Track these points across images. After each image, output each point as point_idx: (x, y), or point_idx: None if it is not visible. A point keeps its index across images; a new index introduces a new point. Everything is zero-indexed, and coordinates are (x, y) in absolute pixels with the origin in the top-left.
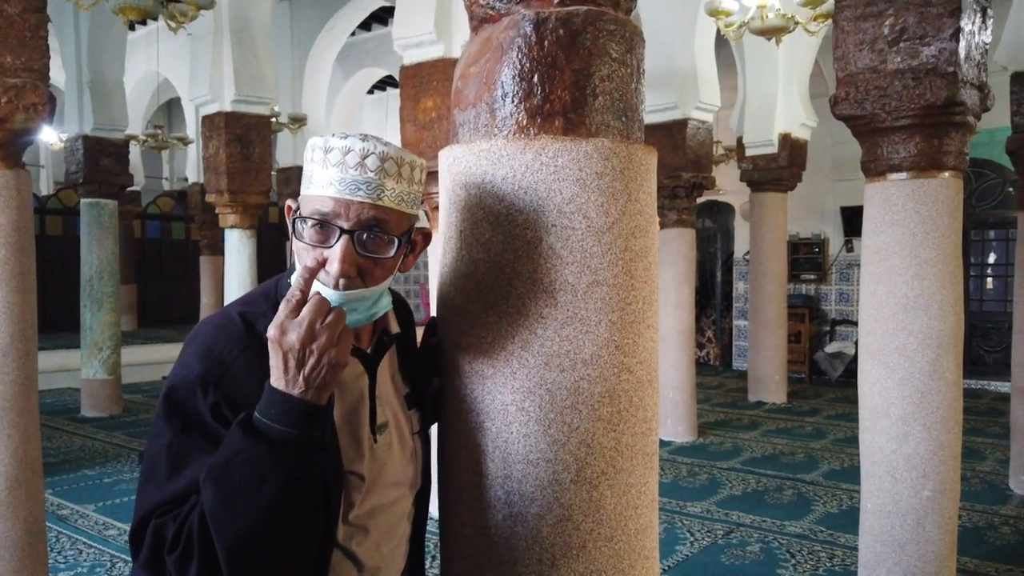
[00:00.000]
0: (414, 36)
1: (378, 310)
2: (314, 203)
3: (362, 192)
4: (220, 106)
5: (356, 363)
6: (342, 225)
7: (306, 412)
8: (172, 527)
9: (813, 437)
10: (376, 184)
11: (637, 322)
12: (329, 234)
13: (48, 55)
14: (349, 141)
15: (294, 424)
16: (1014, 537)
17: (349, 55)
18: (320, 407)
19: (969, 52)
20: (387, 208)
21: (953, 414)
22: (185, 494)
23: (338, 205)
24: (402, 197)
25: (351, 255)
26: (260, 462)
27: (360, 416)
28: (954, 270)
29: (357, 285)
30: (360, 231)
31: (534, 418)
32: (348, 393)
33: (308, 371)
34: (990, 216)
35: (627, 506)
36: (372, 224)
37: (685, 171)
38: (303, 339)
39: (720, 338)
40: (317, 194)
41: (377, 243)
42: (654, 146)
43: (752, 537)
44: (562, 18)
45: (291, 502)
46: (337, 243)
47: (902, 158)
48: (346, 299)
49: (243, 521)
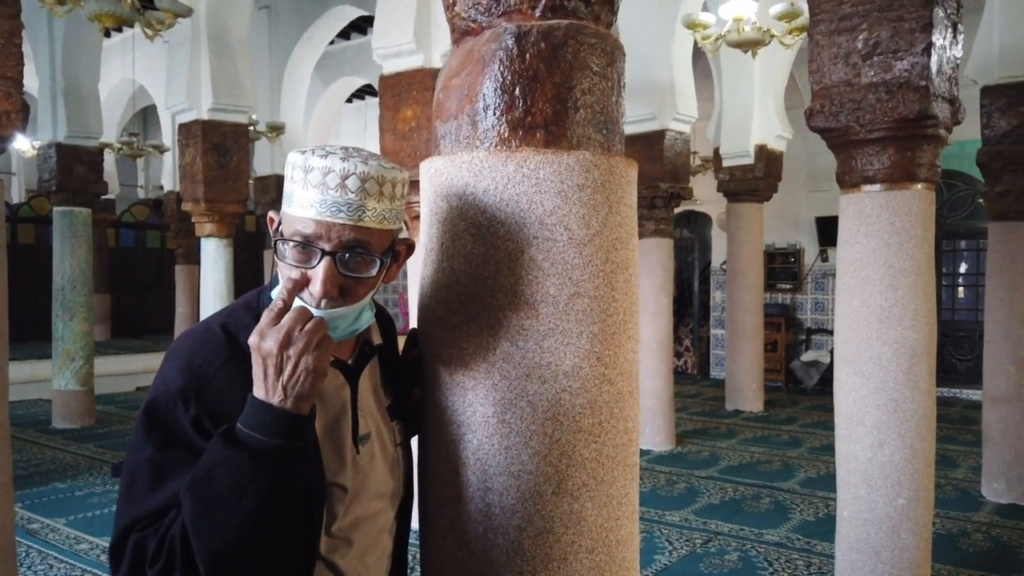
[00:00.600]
0: (393, 46)
1: (360, 325)
2: (295, 224)
3: (343, 214)
4: (197, 114)
5: (338, 374)
6: (323, 247)
7: (286, 422)
8: (153, 540)
9: (790, 445)
10: (357, 205)
11: (618, 334)
12: (311, 255)
13: (22, 62)
14: (329, 161)
15: (274, 434)
16: (987, 544)
17: (328, 64)
18: (301, 416)
19: (940, 66)
20: (369, 228)
21: (927, 422)
22: (166, 507)
23: (319, 227)
24: (384, 215)
25: (333, 276)
26: (240, 472)
27: (342, 427)
28: (927, 280)
29: (339, 304)
30: (342, 252)
31: (515, 430)
32: (330, 404)
33: (286, 379)
34: (961, 227)
35: (608, 517)
36: (354, 245)
37: (663, 181)
38: (280, 345)
39: (698, 347)
40: (298, 215)
41: (359, 263)
42: (632, 156)
43: (730, 546)
44: (544, 32)
45: (272, 512)
46: (319, 264)
47: (876, 170)
48: (328, 318)
49: (224, 532)
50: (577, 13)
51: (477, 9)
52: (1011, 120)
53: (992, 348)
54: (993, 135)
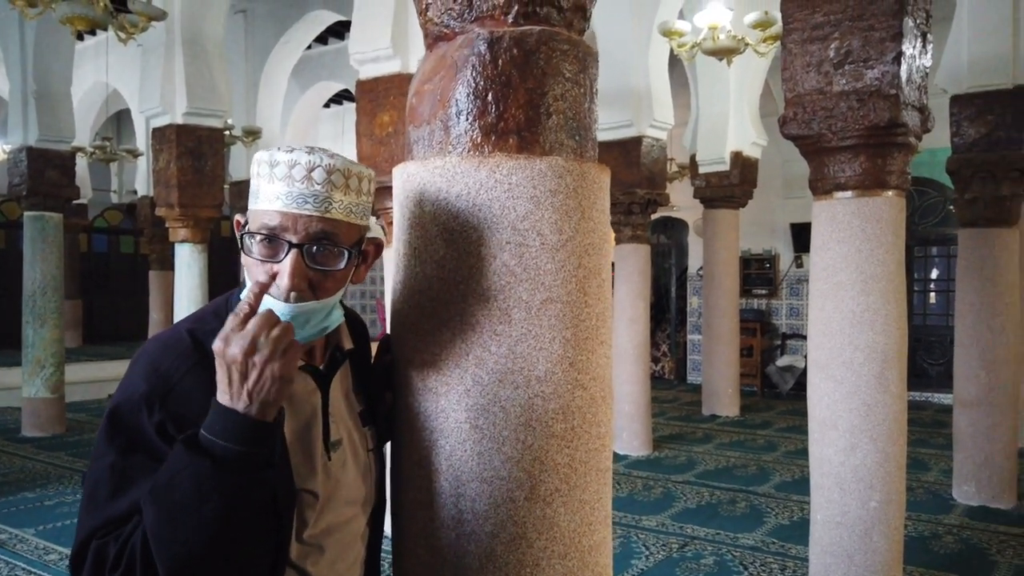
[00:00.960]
0: (370, 51)
1: (330, 323)
2: (261, 217)
3: (310, 205)
4: (171, 118)
5: (308, 380)
6: (290, 239)
7: (250, 428)
8: (114, 547)
9: (765, 450)
10: (324, 197)
11: (591, 339)
12: (278, 248)
13: None
14: (295, 154)
15: (238, 440)
16: (957, 546)
17: (305, 68)
18: (265, 423)
19: (910, 75)
20: (336, 220)
21: (898, 426)
22: (128, 515)
23: (286, 219)
24: (351, 209)
25: (301, 269)
26: (202, 479)
27: (313, 433)
28: (898, 286)
29: (309, 298)
30: (309, 244)
31: (488, 436)
32: (300, 410)
33: (251, 384)
34: (932, 233)
35: (581, 523)
36: (321, 237)
37: (640, 187)
38: (246, 350)
39: (675, 352)
40: (264, 208)
41: (327, 255)
42: (610, 163)
43: (706, 550)
44: (516, 38)
45: (235, 521)
46: (286, 257)
47: (848, 177)
48: (297, 311)
49: (184, 540)
50: (550, 20)
51: (450, 15)
52: (980, 128)
53: (962, 352)
54: (962, 143)
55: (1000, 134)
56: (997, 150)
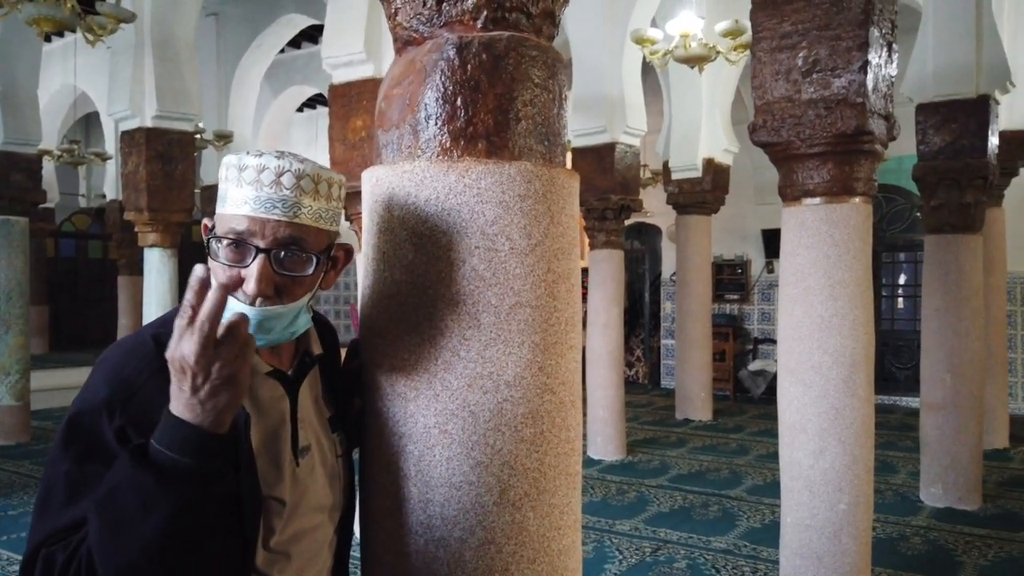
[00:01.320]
0: (343, 55)
1: (297, 328)
2: (229, 222)
3: (278, 210)
4: (141, 121)
5: (277, 385)
6: (258, 244)
7: (201, 441)
8: (62, 556)
9: (737, 453)
10: (292, 202)
11: (560, 343)
12: (245, 253)
13: None
14: (264, 159)
15: (188, 453)
16: (924, 547)
17: (278, 72)
18: (217, 435)
19: (876, 84)
20: (304, 226)
21: (866, 429)
22: (79, 523)
23: (253, 223)
24: (320, 214)
25: (268, 274)
26: (145, 492)
27: (281, 439)
28: (865, 291)
29: (275, 304)
30: (277, 249)
31: (457, 440)
32: (268, 416)
33: (204, 395)
34: (900, 239)
35: (550, 527)
36: (289, 242)
37: (614, 193)
38: (196, 357)
39: (648, 357)
40: (232, 212)
41: (295, 261)
42: (583, 169)
43: (679, 554)
44: (485, 43)
45: (181, 535)
46: (253, 262)
47: (816, 184)
48: (263, 316)
49: (127, 554)
50: (519, 25)
51: (419, 19)
52: (945, 136)
53: (928, 357)
54: (928, 151)
55: (964, 142)
56: (961, 158)
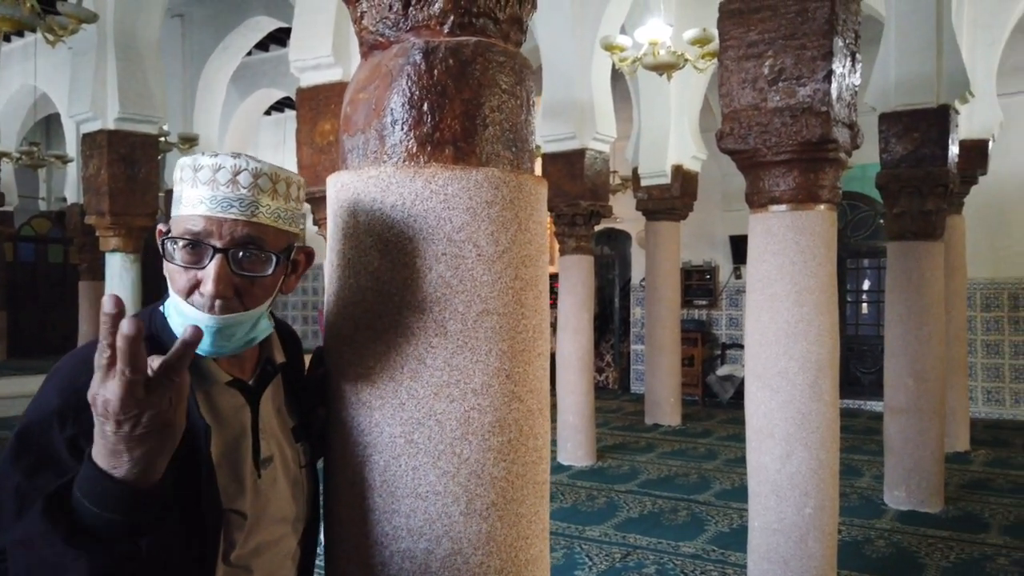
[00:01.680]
0: (311, 59)
1: (258, 334)
2: (184, 223)
3: (235, 209)
4: (103, 123)
5: (237, 395)
6: (215, 244)
7: (124, 494)
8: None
9: (706, 458)
10: (250, 200)
11: (527, 351)
12: (202, 254)
13: None
14: (219, 159)
15: (110, 507)
16: (888, 549)
17: (245, 75)
18: (143, 489)
19: (840, 93)
20: (263, 225)
21: (831, 434)
22: None
23: (210, 223)
24: (278, 214)
25: (226, 275)
26: (59, 550)
27: (242, 450)
28: (830, 297)
29: (235, 307)
30: (235, 249)
31: (423, 450)
32: (228, 427)
33: (131, 444)
34: (864, 246)
35: (518, 537)
36: (247, 242)
37: (584, 199)
38: (122, 403)
39: (618, 362)
40: (188, 213)
41: (253, 261)
42: (554, 175)
43: (648, 559)
44: (452, 48)
45: None
46: (210, 263)
47: (782, 191)
48: (223, 324)
49: None
50: (486, 31)
51: (385, 23)
52: (907, 145)
53: (892, 362)
54: (891, 159)
55: (926, 151)
56: (923, 166)
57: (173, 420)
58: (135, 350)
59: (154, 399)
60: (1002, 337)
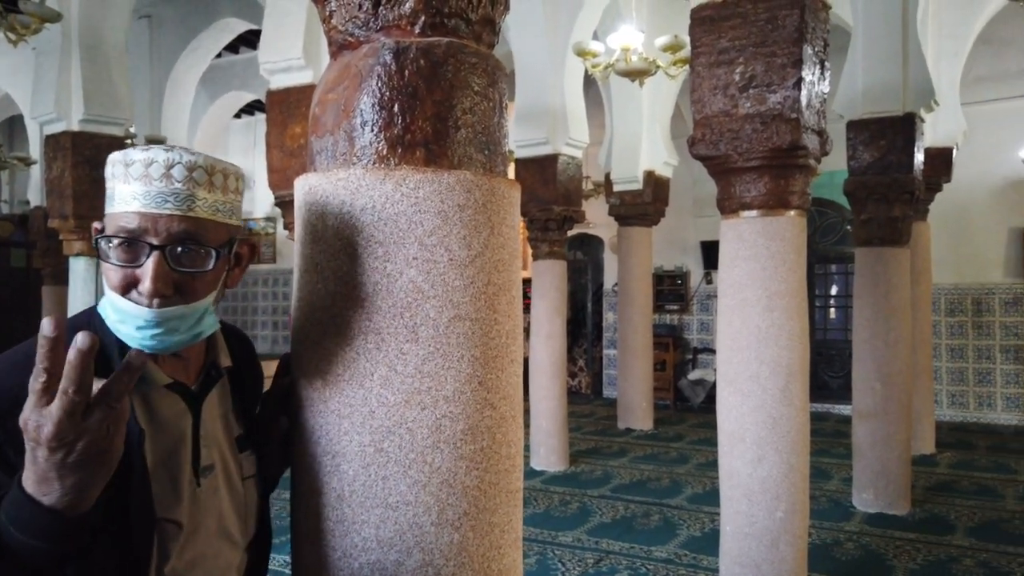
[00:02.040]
0: (282, 61)
1: (204, 329)
2: (118, 220)
3: (170, 204)
4: (67, 125)
5: (178, 400)
6: (151, 241)
7: (53, 524)
8: None
9: (677, 462)
10: (186, 195)
11: (500, 357)
12: (138, 251)
13: None
14: (152, 152)
15: (36, 535)
16: (857, 552)
17: (215, 77)
18: (73, 518)
19: (810, 100)
20: (200, 219)
21: (802, 438)
22: None
23: (145, 220)
24: (217, 207)
25: (164, 272)
26: None
27: (180, 458)
28: (800, 302)
29: (176, 304)
30: (172, 246)
31: (393, 459)
32: (166, 432)
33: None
34: (832, 252)
35: (490, 547)
36: (184, 237)
37: (556, 204)
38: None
39: (591, 367)
40: (121, 211)
41: (192, 257)
42: (526, 180)
43: (621, 564)
44: (423, 48)
45: None
46: (148, 260)
47: (753, 197)
48: (163, 317)
49: None
50: (458, 32)
51: (354, 23)
52: (873, 152)
53: (859, 366)
54: (858, 166)
55: (892, 158)
56: (889, 173)
57: (110, 448)
58: (85, 366)
59: (91, 425)
60: (966, 341)
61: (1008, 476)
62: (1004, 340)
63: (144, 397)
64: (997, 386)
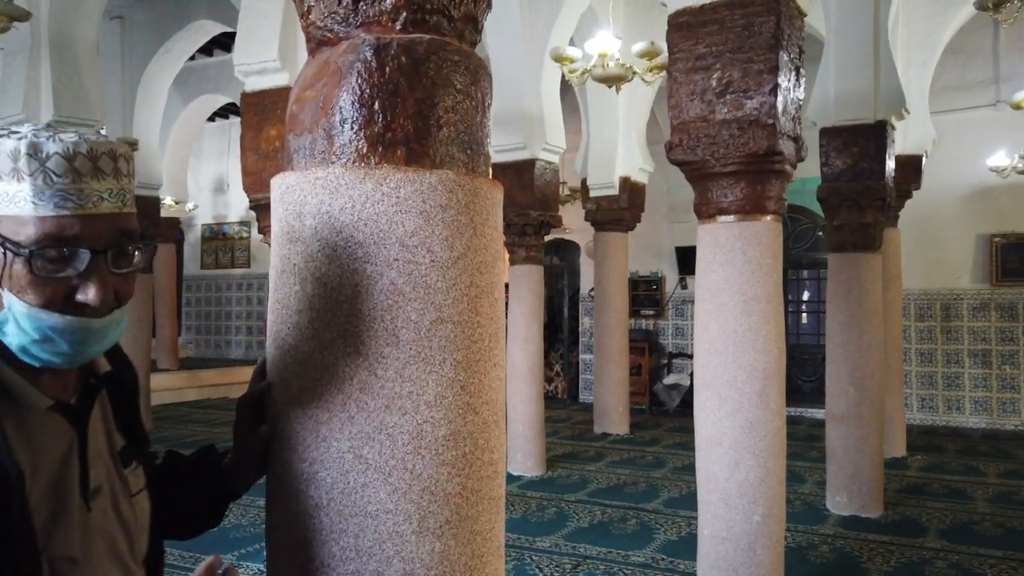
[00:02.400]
0: (257, 63)
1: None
2: (40, 227)
3: (106, 203)
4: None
5: (60, 420)
6: (92, 246)
7: None
8: None
9: (654, 466)
10: (117, 190)
11: (483, 361)
12: (71, 259)
13: None
14: (68, 140)
15: None
16: (832, 555)
17: (188, 79)
18: None
19: (786, 106)
20: (129, 215)
21: (778, 442)
22: None
23: (75, 224)
24: (127, 195)
25: (109, 279)
26: None
27: (67, 484)
28: (777, 307)
29: (114, 309)
30: (112, 248)
31: (373, 466)
32: (49, 460)
33: None
34: (804, 257)
35: (472, 555)
36: (121, 236)
37: (533, 209)
38: None
39: (568, 372)
40: (43, 215)
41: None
42: (503, 184)
43: (598, 569)
44: (404, 45)
45: None
46: (88, 269)
47: (730, 202)
48: (105, 324)
49: None
50: (440, 29)
51: (334, 19)
52: (846, 159)
53: (832, 370)
54: (831, 173)
55: (864, 165)
56: (862, 180)
57: None
58: None
59: None
60: (935, 346)
61: (978, 479)
62: (972, 345)
63: (20, 423)
64: (966, 390)
